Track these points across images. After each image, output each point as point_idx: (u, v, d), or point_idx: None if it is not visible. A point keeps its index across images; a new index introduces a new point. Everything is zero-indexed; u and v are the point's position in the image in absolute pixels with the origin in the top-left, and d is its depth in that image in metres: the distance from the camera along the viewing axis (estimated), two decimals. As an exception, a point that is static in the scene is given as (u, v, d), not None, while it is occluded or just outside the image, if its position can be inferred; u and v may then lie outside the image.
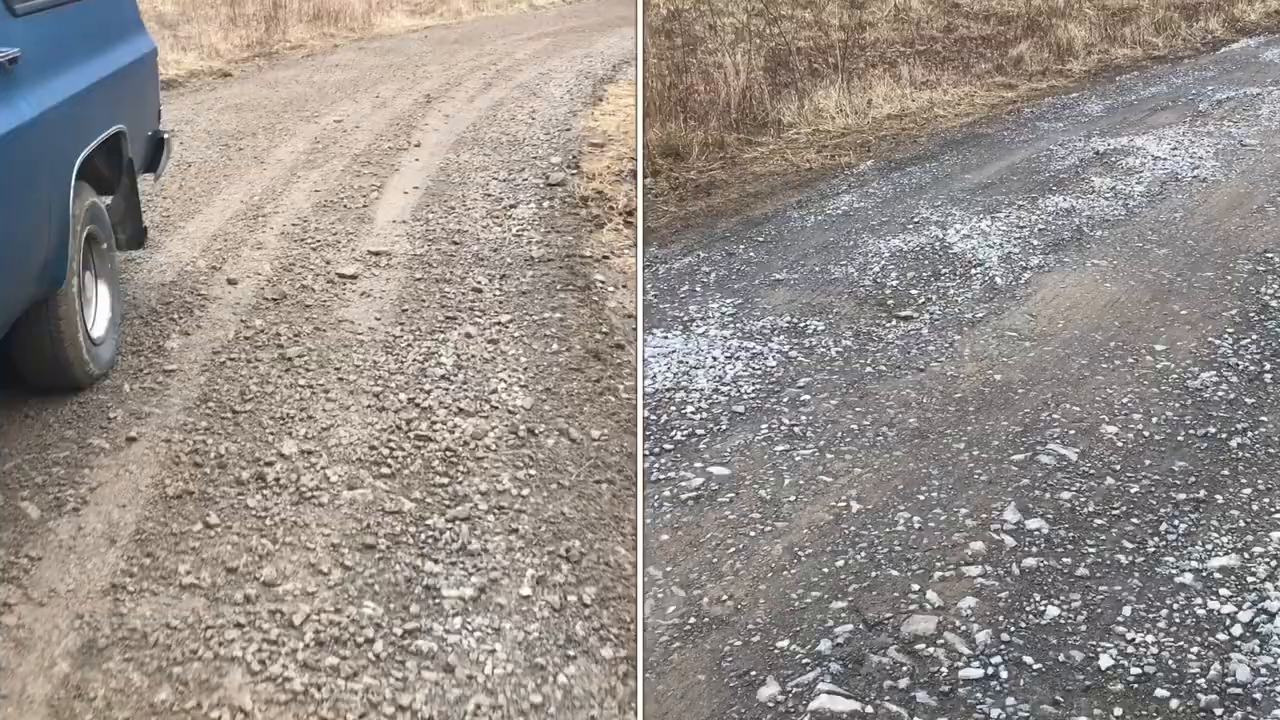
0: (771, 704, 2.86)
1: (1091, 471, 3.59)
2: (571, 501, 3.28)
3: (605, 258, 5.27)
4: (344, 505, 3.20)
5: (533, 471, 3.40)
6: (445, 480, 3.34)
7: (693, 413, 3.95)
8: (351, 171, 6.82)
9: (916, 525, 3.40)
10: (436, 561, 2.98)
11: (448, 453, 3.46)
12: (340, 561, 2.96)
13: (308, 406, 3.72)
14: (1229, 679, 2.72)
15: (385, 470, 3.37)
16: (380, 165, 6.98)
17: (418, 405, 3.75)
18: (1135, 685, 2.76)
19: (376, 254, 5.27)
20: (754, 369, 4.27)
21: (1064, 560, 3.23)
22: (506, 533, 3.11)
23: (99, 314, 3.94)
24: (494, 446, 3.51)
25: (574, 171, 6.72)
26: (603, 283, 4.75)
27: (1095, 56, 11.12)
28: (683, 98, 8.29)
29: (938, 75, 9.99)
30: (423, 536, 3.08)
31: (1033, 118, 8.67)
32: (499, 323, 4.45)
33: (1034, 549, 3.28)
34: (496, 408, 3.75)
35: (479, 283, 4.91)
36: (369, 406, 3.75)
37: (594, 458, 3.50)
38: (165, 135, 4.61)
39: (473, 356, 4.13)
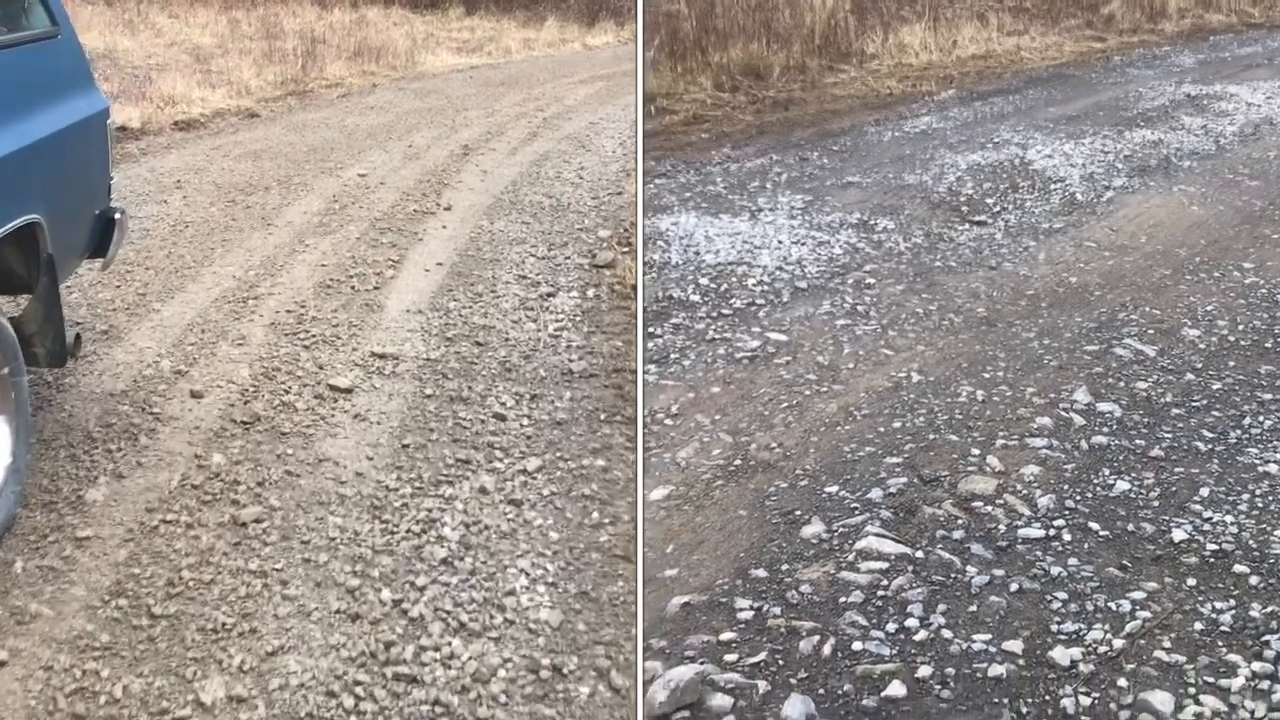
0: (815, 540, 2.90)
1: (1170, 367, 3.65)
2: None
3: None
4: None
5: (558, 741, 2.40)
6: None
7: (754, 285, 4.07)
8: (368, 240, 5.88)
9: (980, 398, 3.41)
10: None
11: (437, 709, 2.43)
12: None
13: (254, 611, 2.71)
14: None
15: (347, 732, 2.36)
16: (402, 233, 6.04)
17: (404, 614, 2.72)
18: (1211, 560, 2.79)
19: (381, 357, 4.29)
20: (819, 255, 4.33)
21: (1137, 442, 3.29)
22: None
23: (-8, 459, 2.98)
24: (503, 696, 2.47)
25: (625, 250, 5.72)
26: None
27: (1189, 20, 11.13)
28: (767, 20, 8.49)
29: (1025, 25, 10.27)
30: None
31: (1122, 65, 9.09)
32: (524, 471, 3.44)
33: (1105, 429, 3.34)
34: (512, 623, 2.71)
35: (503, 405, 3.90)
36: (339, 613, 2.73)
37: None
38: (117, 214, 3.68)
39: (485, 528, 3.11)
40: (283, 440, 3.58)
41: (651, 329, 4.33)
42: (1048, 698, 2.49)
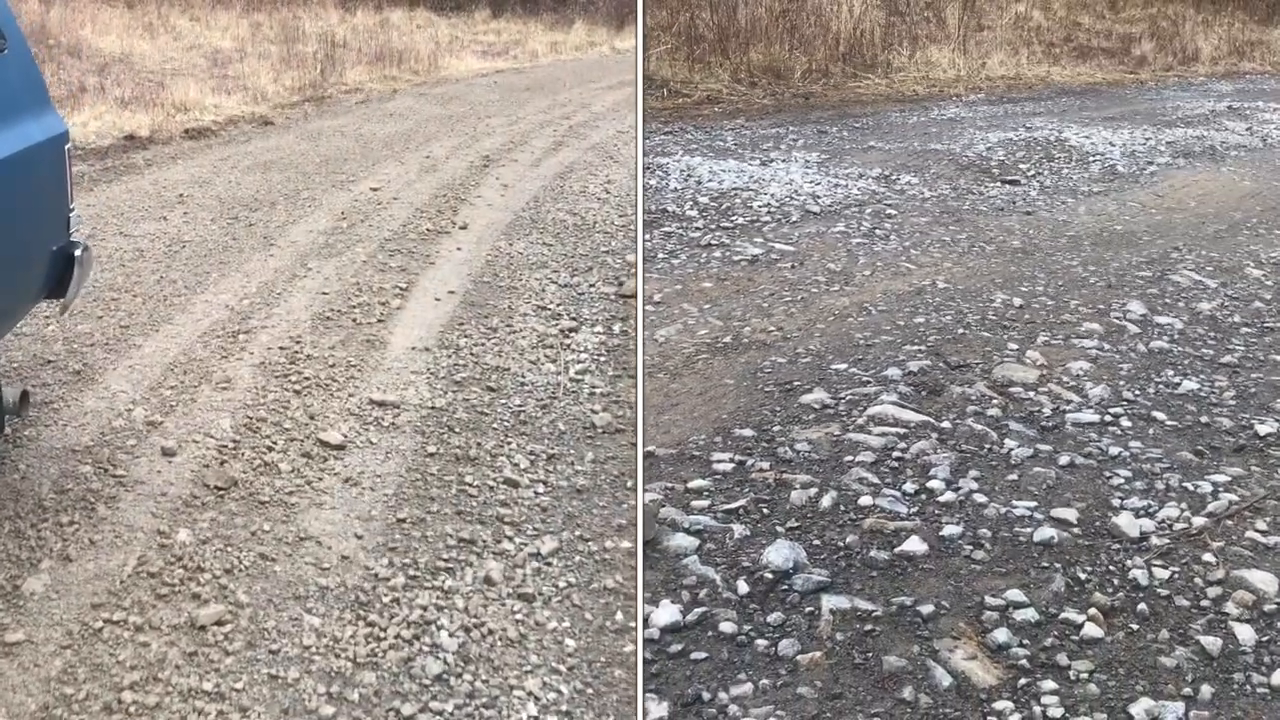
0: (817, 406, 2.76)
1: (1236, 295, 3.56)
2: None
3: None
4: None
5: None
6: None
7: (759, 207, 3.96)
8: (375, 263, 5.41)
9: (1017, 304, 3.35)
10: None
11: None
12: None
13: (202, 751, 2.24)
14: None
15: None
16: (412, 255, 5.57)
17: (385, 756, 2.25)
18: (1306, 453, 2.65)
19: (381, 405, 3.82)
20: (835, 193, 4.17)
21: (1204, 350, 3.24)
22: None
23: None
24: None
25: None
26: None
27: (1221, 66, 10.67)
28: (792, 24, 8.27)
29: (1055, 58, 10.01)
30: None
31: (1156, 87, 9.07)
32: (538, 555, 2.94)
33: (1165, 337, 3.30)
34: (516, 772, 2.24)
35: (516, 467, 3.41)
36: (305, 752, 2.26)
37: None
38: (78, 251, 3.23)
39: (489, 634, 2.61)
40: (260, 511, 3.10)
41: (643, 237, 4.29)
42: (1112, 567, 2.35)
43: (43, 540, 2.92)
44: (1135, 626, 2.28)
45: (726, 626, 2.21)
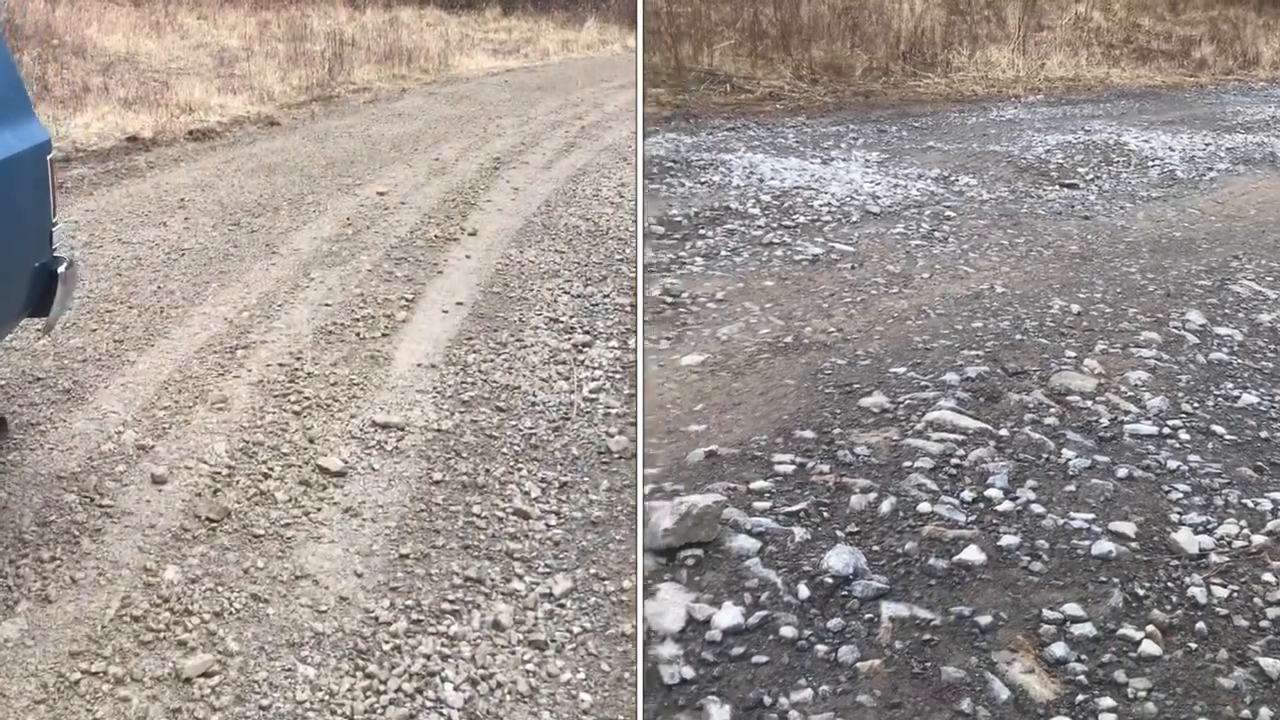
0: (876, 410, 2.76)
1: None
2: None
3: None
4: None
5: None
6: None
7: (820, 206, 3.94)
8: (380, 273, 5.22)
9: (1074, 310, 3.30)
10: None
11: None
12: None
13: (182, 826, 2.05)
14: None
15: None
16: (420, 264, 5.37)
17: (383, 833, 2.06)
18: (1369, 475, 2.58)
19: (384, 427, 3.62)
20: (895, 194, 4.14)
21: (1264, 364, 3.19)
22: None
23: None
24: None
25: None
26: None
27: None
28: (854, 22, 8.31)
29: (1115, 59, 10.17)
30: None
31: (1216, 91, 8.88)
32: (550, 596, 2.74)
33: (1225, 349, 3.26)
34: None
35: (526, 497, 3.21)
36: (295, 828, 2.07)
37: None
38: (62, 267, 3.04)
39: (498, 687, 2.41)
40: (254, 546, 2.91)
41: (703, 232, 4.25)
42: (1170, 584, 2.36)
43: (21, 579, 2.73)
44: (1194, 645, 2.22)
45: (787, 631, 2.20)
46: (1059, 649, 2.17)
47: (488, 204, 6.62)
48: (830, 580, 2.29)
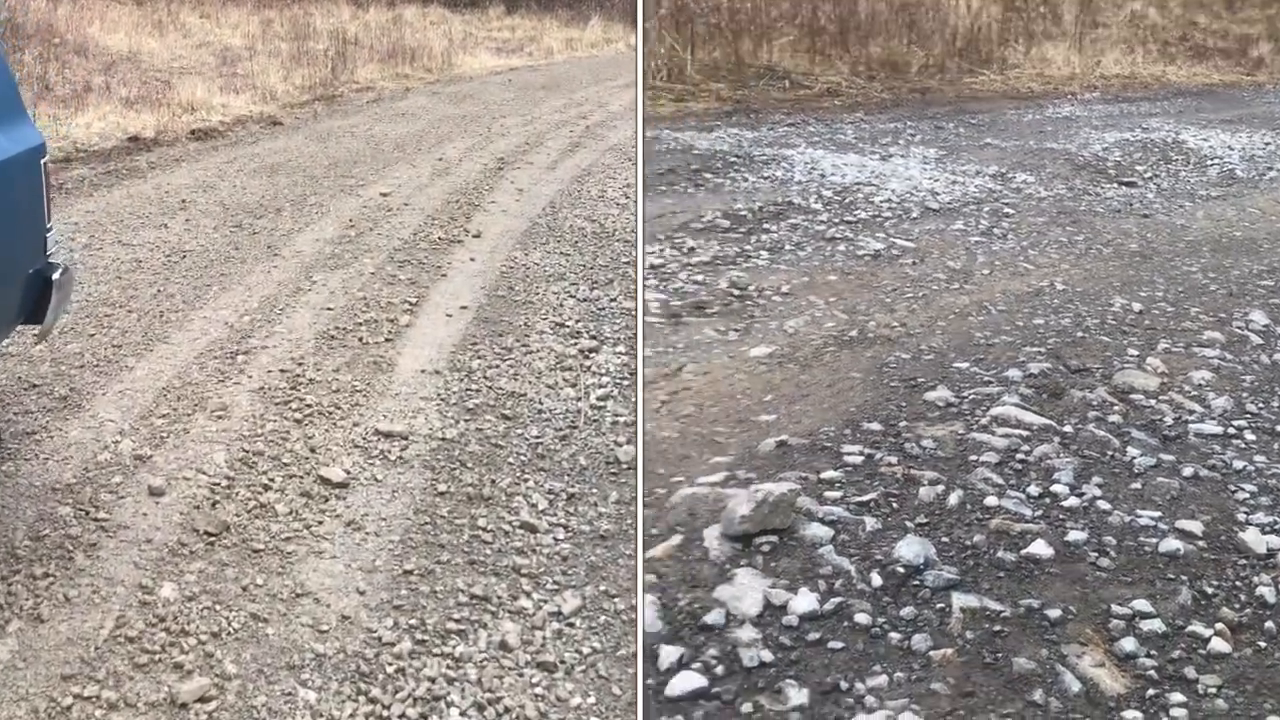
0: (941, 404, 2.80)
1: None
2: None
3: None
4: None
5: None
6: None
7: (880, 202, 3.98)
8: (384, 276, 5.13)
9: (1136, 309, 3.31)
10: None
11: None
12: None
13: None
14: None
15: None
16: (423, 267, 5.28)
17: None
18: None
19: (387, 435, 3.53)
20: (953, 190, 4.18)
21: None
22: None
23: None
24: None
25: (681, 290, 4.94)
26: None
27: None
28: (911, 19, 8.43)
29: (1171, 57, 10.20)
30: None
31: (1275, 90, 9.16)
32: (558, 615, 2.65)
33: None
34: None
35: (534, 509, 3.12)
36: None
37: None
38: (56, 274, 2.95)
39: (505, 712, 2.32)
40: (254, 562, 2.82)
41: (767, 227, 4.32)
42: (1238, 583, 2.37)
43: (13, 596, 2.65)
44: (1263, 644, 2.23)
45: (861, 618, 2.24)
46: (1129, 644, 2.19)
47: (492, 205, 6.53)
48: (902, 570, 2.33)
